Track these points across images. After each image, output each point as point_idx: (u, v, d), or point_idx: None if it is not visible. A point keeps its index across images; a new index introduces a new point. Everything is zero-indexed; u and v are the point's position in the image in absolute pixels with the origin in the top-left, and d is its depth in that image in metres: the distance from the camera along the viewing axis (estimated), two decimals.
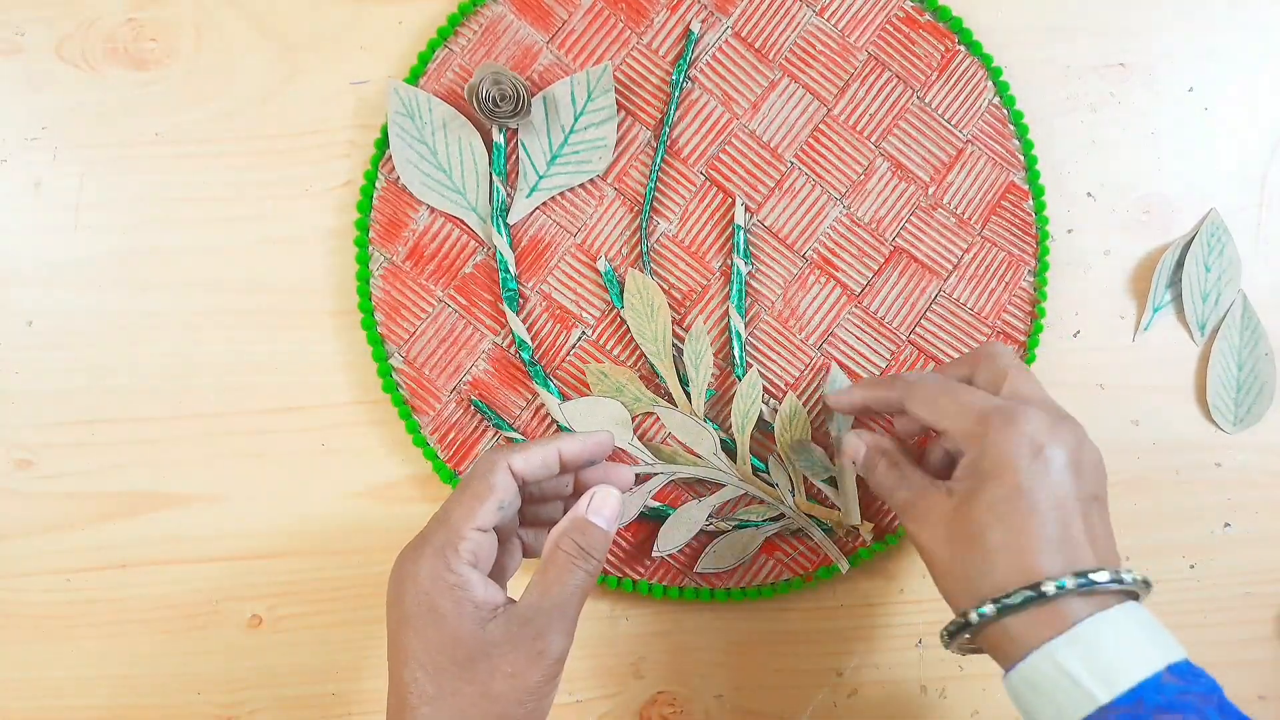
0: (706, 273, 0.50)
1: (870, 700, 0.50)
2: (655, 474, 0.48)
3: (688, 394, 0.48)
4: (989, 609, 0.36)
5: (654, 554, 0.47)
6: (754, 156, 0.50)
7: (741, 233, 0.49)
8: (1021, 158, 0.50)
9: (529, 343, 0.48)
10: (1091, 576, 0.35)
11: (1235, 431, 0.51)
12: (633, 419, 0.48)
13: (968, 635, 0.37)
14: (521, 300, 0.49)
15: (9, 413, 0.49)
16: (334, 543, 0.49)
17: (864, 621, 0.50)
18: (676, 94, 0.49)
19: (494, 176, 0.48)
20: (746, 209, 0.50)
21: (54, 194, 0.49)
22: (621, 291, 0.48)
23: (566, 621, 0.38)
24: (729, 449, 0.48)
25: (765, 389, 0.49)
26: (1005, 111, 0.50)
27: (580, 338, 0.49)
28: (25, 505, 0.49)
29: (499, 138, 0.48)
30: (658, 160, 0.49)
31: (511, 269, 0.48)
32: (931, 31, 0.50)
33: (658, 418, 0.49)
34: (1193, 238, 0.51)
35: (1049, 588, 0.35)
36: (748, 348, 0.49)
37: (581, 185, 0.49)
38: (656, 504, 0.48)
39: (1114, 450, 0.51)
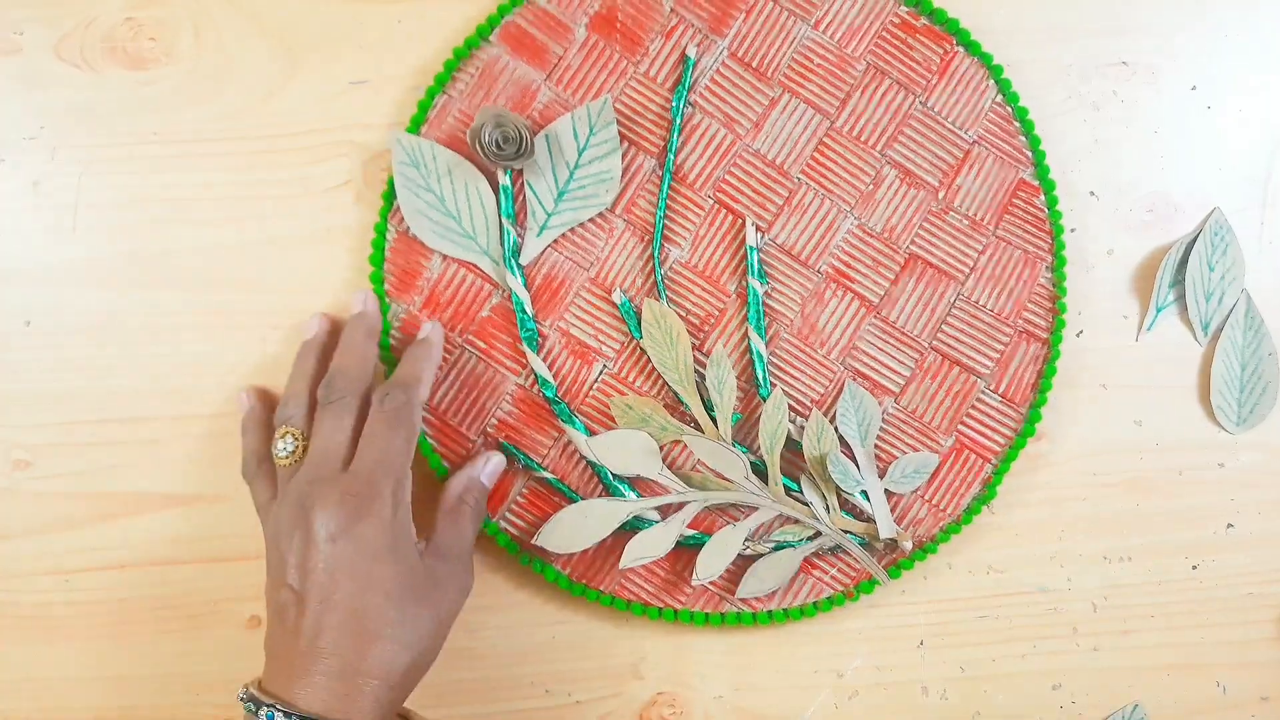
0: (722, 296, 0.49)
1: (871, 701, 0.50)
2: (688, 502, 0.47)
3: (714, 419, 0.48)
4: None
5: (694, 582, 0.47)
6: (760, 176, 0.49)
7: (754, 253, 0.49)
8: (1029, 154, 0.50)
9: (551, 381, 0.48)
10: None
11: (1238, 432, 0.51)
12: (661, 449, 0.48)
13: None
14: (540, 339, 0.49)
15: (9, 413, 0.49)
16: None
17: (865, 622, 0.50)
18: (678, 120, 0.49)
19: (503, 219, 0.48)
20: (757, 229, 0.49)
21: (53, 193, 0.49)
22: (639, 322, 0.48)
23: (471, 560, 0.45)
24: (760, 471, 0.48)
25: (791, 407, 0.49)
26: (1009, 109, 0.50)
27: (602, 371, 0.49)
28: (25, 505, 0.49)
29: (505, 179, 0.48)
30: (664, 188, 0.49)
31: (528, 309, 0.48)
32: (928, 35, 0.50)
33: (686, 446, 0.48)
34: (1196, 237, 0.51)
35: None
36: (770, 367, 0.49)
37: (590, 219, 0.49)
38: (692, 532, 0.48)
39: (1117, 450, 0.51)
